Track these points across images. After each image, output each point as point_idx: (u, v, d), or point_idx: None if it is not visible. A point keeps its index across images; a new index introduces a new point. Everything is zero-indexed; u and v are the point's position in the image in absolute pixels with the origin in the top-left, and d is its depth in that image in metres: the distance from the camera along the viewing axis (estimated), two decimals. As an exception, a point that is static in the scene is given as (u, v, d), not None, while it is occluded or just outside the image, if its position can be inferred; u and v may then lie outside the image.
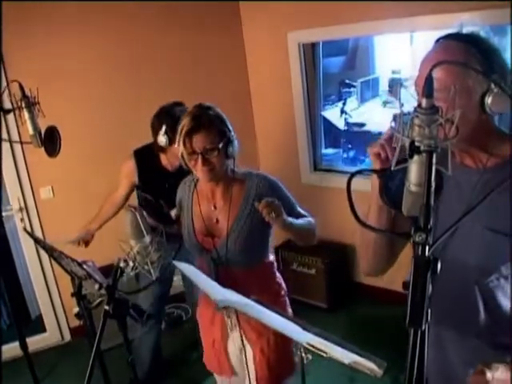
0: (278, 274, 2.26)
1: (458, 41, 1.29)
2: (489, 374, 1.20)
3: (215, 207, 2.10)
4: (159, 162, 3.01)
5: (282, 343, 2.05)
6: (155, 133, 2.83)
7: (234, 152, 2.04)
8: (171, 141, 2.71)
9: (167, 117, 2.78)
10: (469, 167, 1.37)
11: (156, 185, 2.91)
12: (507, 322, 1.35)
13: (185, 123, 1.95)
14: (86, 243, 3.20)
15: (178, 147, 2.02)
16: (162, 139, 2.78)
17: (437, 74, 1.22)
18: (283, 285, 2.25)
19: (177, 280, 4.46)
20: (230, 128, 2.04)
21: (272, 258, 2.24)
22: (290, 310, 2.24)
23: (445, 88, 1.21)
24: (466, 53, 1.25)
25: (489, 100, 1.19)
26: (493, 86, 1.19)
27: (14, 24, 3.18)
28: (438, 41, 1.34)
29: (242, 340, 2.08)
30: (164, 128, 2.75)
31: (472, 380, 1.26)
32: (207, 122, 1.95)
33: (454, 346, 1.43)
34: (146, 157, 3.04)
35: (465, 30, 1.33)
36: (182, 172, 2.25)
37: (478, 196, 1.31)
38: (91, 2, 3.71)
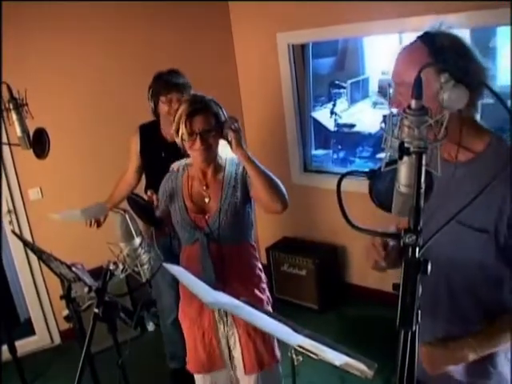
0: (259, 264, 2.39)
1: (420, 41, 1.37)
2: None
3: (207, 186, 2.26)
4: (159, 133, 3.06)
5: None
6: (153, 98, 2.96)
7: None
8: (155, 106, 2.92)
9: (153, 81, 2.99)
10: (443, 160, 1.39)
11: (154, 154, 2.99)
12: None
13: (184, 107, 2.12)
14: (98, 223, 3.10)
15: (161, 112, 2.73)
16: (151, 105, 2.95)
17: (398, 68, 1.39)
18: (263, 275, 2.39)
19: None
20: (224, 112, 2.21)
21: (254, 244, 2.39)
22: (269, 300, 2.39)
23: (402, 82, 1.33)
24: (423, 52, 1.33)
25: (445, 96, 1.20)
26: (443, 82, 1.21)
27: None
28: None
29: (230, 322, 2.25)
30: (148, 94, 2.96)
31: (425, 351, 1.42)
32: (205, 105, 2.14)
33: (428, 331, 1.46)
34: (149, 129, 3.11)
35: (446, 30, 1.38)
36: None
37: (454, 190, 1.35)
38: (81, 2, 3.69)
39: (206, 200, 2.26)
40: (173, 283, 2.91)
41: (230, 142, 2.10)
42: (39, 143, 2.45)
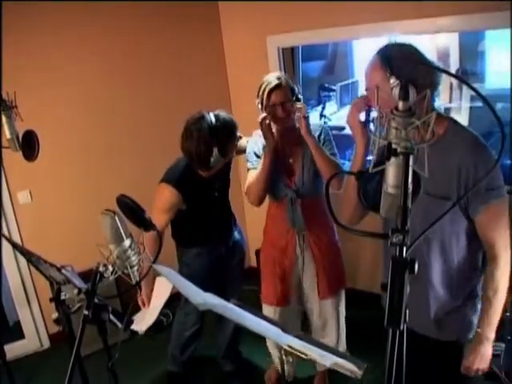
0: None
1: (378, 56, 1.68)
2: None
3: (290, 150, 2.73)
4: (197, 176, 2.79)
5: (340, 262, 2.95)
6: (204, 157, 2.59)
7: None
8: (226, 155, 2.65)
9: (214, 136, 2.57)
10: None
11: (207, 200, 2.89)
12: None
13: (267, 84, 2.57)
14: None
15: (230, 156, 2.77)
16: (219, 159, 2.61)
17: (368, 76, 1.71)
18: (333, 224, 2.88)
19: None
20: (299, 89, 2.68)
21: None
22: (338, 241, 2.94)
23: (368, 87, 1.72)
24: (377, 63, 1.66)
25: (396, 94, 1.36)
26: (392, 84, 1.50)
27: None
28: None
29: (308, 260, 2.83)
30: (216, 149, 2.56)
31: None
32: (286, 82, 2.59)
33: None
34: (186, 181, 2.77)
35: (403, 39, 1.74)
36: (220, 172, 2.80)
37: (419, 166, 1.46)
38: (71, 2, 3.69)
39: (291, 161, 2.74)
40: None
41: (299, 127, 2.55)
42: (28, 146, 2.45)
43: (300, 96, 2.64)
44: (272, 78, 2.59)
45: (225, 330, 3.37)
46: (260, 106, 2.61)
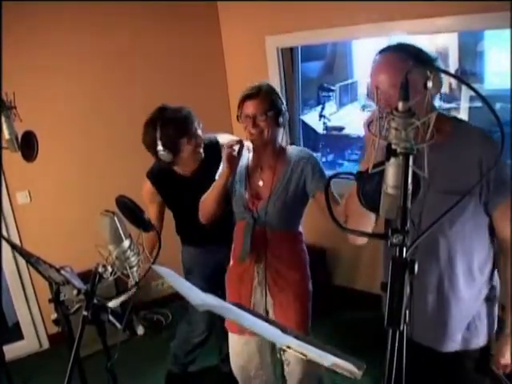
0: (304, 247, 2.54)
1: (397, 52, 1.63)
2: None
3: (261, 170, 2.41)
4: (175, 174, 2.80)
5: (301, 303, 2.47)
6: (153, 151, 2.59)
7: (284, 122, 2.36)
8: (175, 152, 2.58)
9: (158, 128, 2.54)
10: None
11: (184, 199, 2.74)
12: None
13: (245, 90, 2.30)
14: None
15: (187, 149, 2.58)
16: (165, 155, 2.57)
17: (381, 83, 1.62)
18: (307, 258, 2.55)
19: (155, 285, 4.46)
20: (283, 101, 2.36)
21: (301, 230, 2.53)
22: (309, 283, 2.55)
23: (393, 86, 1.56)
24: (404, 61, 1.57)
25: (429, 84, 1.34)
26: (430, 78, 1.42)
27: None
28: (380, 53, 1.68)
29: (266, 293, 2.43)
30: (160, 142, 2.53)
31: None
32: (263, 92, 2.28)
33: (429, 287, 1.80)
34: (160, 174, 2.81)
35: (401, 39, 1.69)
36: (202, 173, 2.64)
37: (433, 169, 1.41)
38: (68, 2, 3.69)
39: (260, 183, 2.41)
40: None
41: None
42: (27, 146, 2.45)
43: (283, 108, 2.33)
44: (254, 85, 2.31)
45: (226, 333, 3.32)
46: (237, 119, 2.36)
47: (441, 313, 1.81)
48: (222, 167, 2.35)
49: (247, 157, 2.46)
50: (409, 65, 1.51)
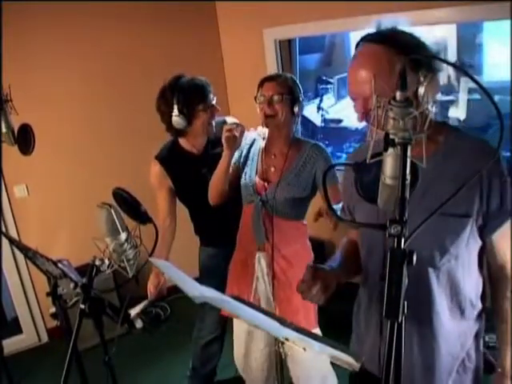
0: (308, 240, 2.58)
1: (378, 43, 1.35)
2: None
3: (275, 156, 2.43)
4: (183, 151, 2.73)
5: None
6: (167, 117, 2.54)
7: (300, 112, 2.38)
8: (190, 118, 2.53)
9: (176, 93, 2.50)
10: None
11: (192, 177, 2.70)
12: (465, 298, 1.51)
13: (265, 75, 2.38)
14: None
15: (202, 118, 2.53)
16: (179, 120, 2.51)
17: (355, 87, 1.39)
18: (311, 253, 2.58)
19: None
20: (301, 94, 2.39)
21: (305, 223, 2.56)
22: None
23: (378, 95, 1.26)
24: (388, 53, 1.32)
25: (422, 91, 1.27)
26: (422, 78, 1.28)
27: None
28: (360, 42, 1.42)
29: (270, 279, 2.44)
30: (176, 107, 2.48)
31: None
32: (283, 77, 2.37)
33: (412, 327, 1.49)
34: (169, 155, 2.74)
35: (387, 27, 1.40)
36: (210, 152, 2.63)
37: (427, 182, 1.28)
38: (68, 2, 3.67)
39: (272, 169, 2.43)
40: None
41: None
42: (24, 139, 2.44)
43: (301, 99, 2.36)
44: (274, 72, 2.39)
45: None
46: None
47: (426, 355, 1.55)
48: (224, 149, 2.37)
49: (260, 143, 2.49)
50: (389, 61, 1.31)
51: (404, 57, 1.11)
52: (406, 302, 0.97)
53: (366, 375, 1.54)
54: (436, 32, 4.32)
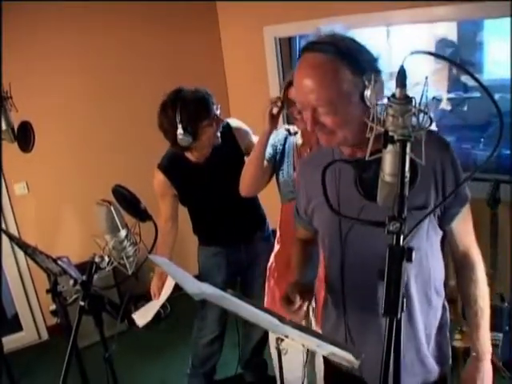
0: None
1: (319, 52, 1.35)
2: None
3: (310, 150, 2.35)
4: (187, 160, 2.65)
5: None
6: (171, 136, 2.44)
7: None
8: (195, 135, 2.43)
9: (178, 109, 2.38)
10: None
11: (196, 184, 2.66)
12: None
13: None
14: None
15: (208, 133, 2.45)
16: (185, 139, 2.40)
17: (302, 96, 1.37)
18: None
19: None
20: None
21: None
22: None
23: (325, 103, 1.32)
24: (330, 61, 1.32)
25: (368, 93, 1.27)
26: (366, 82, 1.29)
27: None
28: (303, 51, 1.42)
29: None
30: (180, 126, 2.37)
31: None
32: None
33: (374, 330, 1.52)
34: (172, 165, 2.67)
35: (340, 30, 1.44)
36: (216, 158, 2.57)
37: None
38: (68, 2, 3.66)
39: None
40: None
41: None
42: (24, 137, 2.44)
43: None
44: None
45: (250, 341, 3.14)
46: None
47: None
48: (263, 125, 2.30)
49: (291, 138, 2.46)
50: (332, 69, 1.32)
51: (404, 56, 1.10)
52: (404, 299, 0.97)
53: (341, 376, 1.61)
54: (437, 30, 4.33)
